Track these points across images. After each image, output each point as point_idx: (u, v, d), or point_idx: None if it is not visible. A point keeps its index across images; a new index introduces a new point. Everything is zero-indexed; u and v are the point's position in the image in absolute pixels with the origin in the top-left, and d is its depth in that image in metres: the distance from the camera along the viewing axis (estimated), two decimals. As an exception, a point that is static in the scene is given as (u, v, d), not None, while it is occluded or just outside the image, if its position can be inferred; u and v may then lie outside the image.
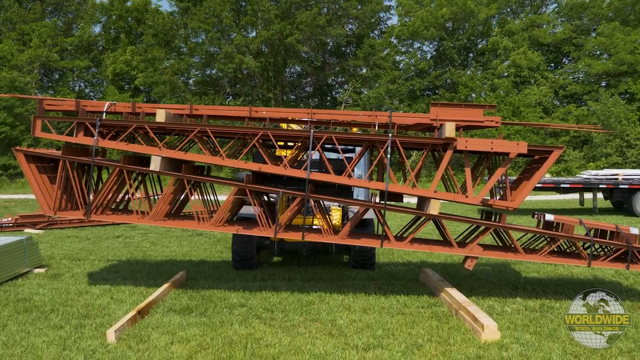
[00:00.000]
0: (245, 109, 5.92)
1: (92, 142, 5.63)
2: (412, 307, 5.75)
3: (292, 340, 4.66)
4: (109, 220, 5.98)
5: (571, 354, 4.10)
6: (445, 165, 5.22)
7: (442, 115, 5.26)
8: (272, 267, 7.61)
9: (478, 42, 37.36)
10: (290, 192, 5.42)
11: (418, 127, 5.64)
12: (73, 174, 5.75)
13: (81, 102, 6.01)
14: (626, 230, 5.36)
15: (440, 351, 4.38)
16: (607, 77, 34.15)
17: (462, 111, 5.29)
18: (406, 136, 5.25)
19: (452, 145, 5.16)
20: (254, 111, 5.89)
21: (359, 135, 5.33)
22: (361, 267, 7.54)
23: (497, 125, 5.30)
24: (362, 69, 37.48)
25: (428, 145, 5.34)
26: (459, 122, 5.14)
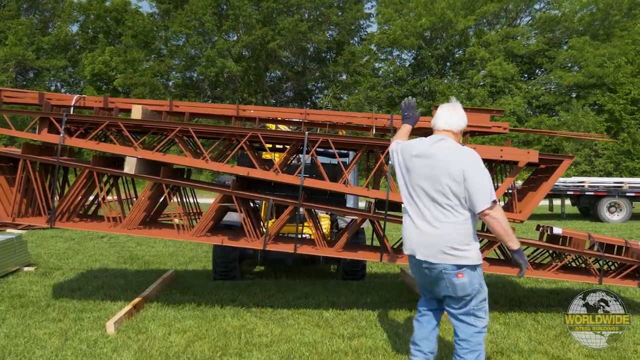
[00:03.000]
0: (232, 107, 5.64)
1: (57, 140, 5.05)
2: (394, 302, 6.09)
3: (282, 331, 4.94)
4: (76, 228, 5.40)
5: (535, 341, 4.59)
6: None
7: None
8: (256, 277, 7.72)
9: (455, 51, 38.11)
10: (282, 200, 5.24)
11: (418, 131, 5.59)
12: (35, 176, 5.17)
13: (45, 94, 5.42)
14: (635, 246, 5.29)
15: (419, 340, 4.70)
16: (577, 89, 35.21)
17: (468, 116, 5.06)
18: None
19: None
20: (241, 110, 5.63)
21: (358, 138, 5.16)
22: (352, 278, 7.34)
23: (505, 131, 5.21)
24: (342, 75, 37.89)
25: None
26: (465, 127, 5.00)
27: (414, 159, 3.49)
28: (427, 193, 3.37)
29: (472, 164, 3.32)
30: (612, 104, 33.23)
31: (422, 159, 3.45)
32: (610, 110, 33.35)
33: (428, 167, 3.39)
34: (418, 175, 3.43)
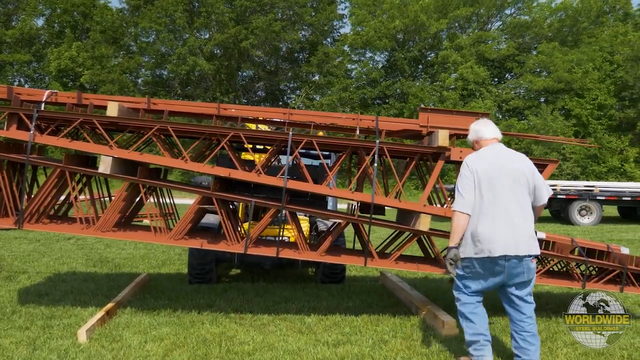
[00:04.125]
0: (213, 105, 5.45)
1: (27, 137, 4.79)
2: (376, 307, 5.97)
3: (264, 338, 4.77)
4: (46, 230, 5.13)
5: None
6: (436, 176, 5.00)
7: (433, 122, 5.12)
8: (232, 280, 7.50)
9: (428, 54, 38.41)
10: (265, 202, 5.08)
11: (402, 133, 5.53)
12: (2, 175, 4.92)
13: (14, 89, 5.17)
14: (617, 250, 5.29)
15: (405, 346, 4.61)
16: (546, 94, 35.85)
17: (454, 118, 5.12)
18: (395, 143, 5.08)
19: (444, 155, 4.91)
20: (222, 109, 5.44)
21: (343, 140, 5.01)
22: (331, 281, 7.18)
23: None
24: (314, 75, 37.79)
25: (417, 154, 5.06)
26: (451, 130, 4.93)
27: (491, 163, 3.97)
28: (511, 193, 3.91)
29: (531, 163, 4.16)
30: (579, 109, 33.94)
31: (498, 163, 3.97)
32: (577, 115, 34.07)
33: (507, 170, 3.94)
34: (497, 178, 3.92)
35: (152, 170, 5.60)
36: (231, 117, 5.62)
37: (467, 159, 4.06)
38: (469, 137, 4.35)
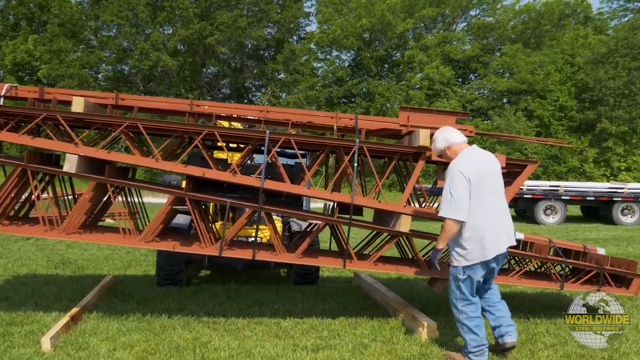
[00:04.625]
0: (186, 102, 5.22)
1: None
2: (352, 309, 5.85)
3: (240, 343, 4.60)
4: (6, 232, 4.82)
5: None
6: (416, 176, 4.93)
7: (413, 121, 5.03)
8: (202, 282, 7.26)
9: (394, 54, 38.60)
10: (241, 202, 4.91)
11: (381, 132, 5.42)
12: None
13: None
14: (593, 251, 5.31)
15: (386, 350, 4.51)
16: (509, 95, 36.47)
17: (434, 117, 5.06)
18: (375, 142, 4.99)
19: (425, 154, 4.85)
20: (195, 105, 5.19)
21: (322, 139, 4.87)
22: (304, 282, 7.03)
23: (471, 134, 5.11)
24: (280, 73, 37.51)
25: (397, 154, 5.00)
26: (432, 130, 4.75)
27: (478, 168, 4.10)
28: (498, 192, 4.20)
29: None
30: (541, 110, 34.66)
31: (483, 167, 4.14)
32: (539, 116, 34.78)
33: (492, 172, 4.18)
34: (485, 180, 4.08)
35: (120, 169, 5.35)
36: (204, 114, 5.40)
37: (459, 166, 4.08)
38: (437, 145, 4.37)
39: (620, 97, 32.91)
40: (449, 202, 3.99)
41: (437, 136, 4.37)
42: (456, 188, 4.00)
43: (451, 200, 3.99)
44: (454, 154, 4.29)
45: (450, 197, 4.00)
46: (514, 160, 5.16)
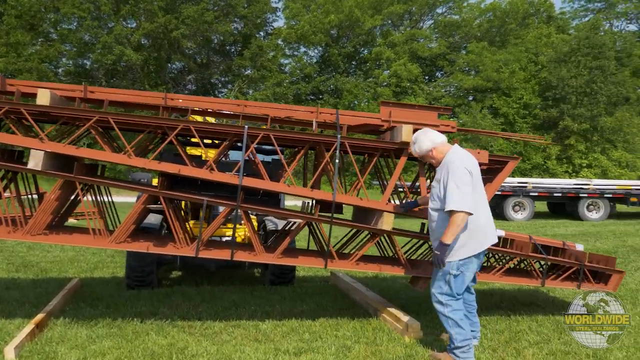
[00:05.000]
0: (159, 95, 4.94)
1: None
2: (332, 309, 5.71)
3: (219, 349, 4.39)
4: None
5: (489, 349, 4.45)
6: (398, 173, 4.84)
7: (395, 117, 4.91)
8: (174, 284, 6.99)
9: (362, 50, 38.61)
10: (219, 201, 4.70)
11: (362, 128, 5.30)
12: None
13: None
14: (572, 247, 5.30)
15: (370, 352, 4.38)
16: (475, 92, 36.93)
17: (416, 113, 4.96)
18: (357, 138, 4.85)
19: (407, 151, 4.74)
20: (169, 99, 4.93)
21: (302, 134, 4.71)
22: (280, 282, 6.83)
23: (453, 130, 5.04)
24: (247, 69, 37.09)
25: (379, 150, 4.88)
26: (414, 125, 4.73)
27: (473, 164, 4.22)
28: (482, 189, 4.33)
29: None
30: (506, 108, 35.24)
31: (475, 163, 4.27)
32: (505, 113, 35.34)
33: (477, 167, 4.26)
34: (477, 176, 4.22)
35: (88, 166, 5.06)
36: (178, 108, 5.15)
37: (461, 161, 4.14)
38: (422, 147, 4.29)
39: (582, 96, 33.69)
40: (458, 195, 3.97)
41: (421, 138, 4.30)
42: (462, 181, 4.02)
43: (460, 194, 3.98)
44: (440, 153, 4.27)
45: (459, 191, 3.99)
46: (495, 157, 5.10)
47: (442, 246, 4.06)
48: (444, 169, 4.16)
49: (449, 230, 4.02)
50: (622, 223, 15.77)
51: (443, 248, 4.06)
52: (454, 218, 4.01)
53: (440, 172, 4.20)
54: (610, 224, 15.21)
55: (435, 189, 4.25)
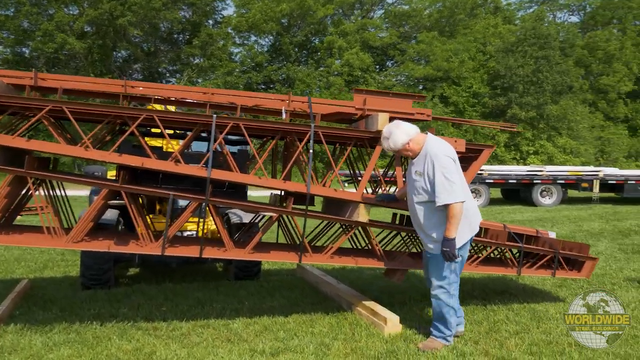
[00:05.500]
0: (118, 82, 4.58)
1: None
2: (303, 304, 5.51)
3: (189, 352, 4.12)
4: None
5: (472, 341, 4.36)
6: (374, 163, 4.67)
7: (370, 105, 4.74)
8: (132, 282, 6.60)
9: (313, 39, 38.35)
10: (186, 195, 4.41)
11: (334, 117, 5.09)
12: None
13: None
14: (545, 235, 5.29)
15: (350, 349, 4.21)
16: (425, 82, 37.34)
17: (392, 101, 4.81)
18: (330, 127, 4.69)
19: None
20: (129, 86, 4.56)
21: (274, 124, 4.44)
22: (246, 277, 6.56)
23: (429, 118, 4.92)
24: (196, 58, 36.21)
25: (353, 140, 4.71)
26: (390, 113, 4.59)
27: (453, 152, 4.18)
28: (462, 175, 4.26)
29: None
30: (456, 97, 35.84)
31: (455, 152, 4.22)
32: (455, 102, 35.93)
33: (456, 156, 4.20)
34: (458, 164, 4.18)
35: (39, 160, 4.66)
36: (138, 96, 4.82)
37: (441, 150, 4.05)
38: (397, 142, 4.11)
39: (529, 85, 34.61)
40: (449, 187, 3.92)
41: (394, 132, 4.12)
42: (449, 172, 3.95)
43: (451, 185, 3.93)
44: (417, 144, 4.15)
45: (449, 182, 3.92)
46: (471, 145, 5.01)
47: (448, 241, 3.99)
48: (427, 161, 4.03)
49: (451, 224, 3.97)
50: (575, 208, 16.23)
51: (450, 243, 3.99)
52: (452, 212, 3.95)
53: (422, 164, 4.07)
54: (563, 209, 15.62)
55: (418, 182, 4.11)
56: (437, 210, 4.04)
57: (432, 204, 4.04)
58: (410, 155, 4.19)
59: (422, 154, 4.09)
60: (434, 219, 4.08)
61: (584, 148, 35.65)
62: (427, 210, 4.10)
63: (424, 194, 4.06)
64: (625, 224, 11.98)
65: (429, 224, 4.11)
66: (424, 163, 4.04)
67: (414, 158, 4.17)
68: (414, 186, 4.15)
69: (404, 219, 5.52)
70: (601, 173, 17.41)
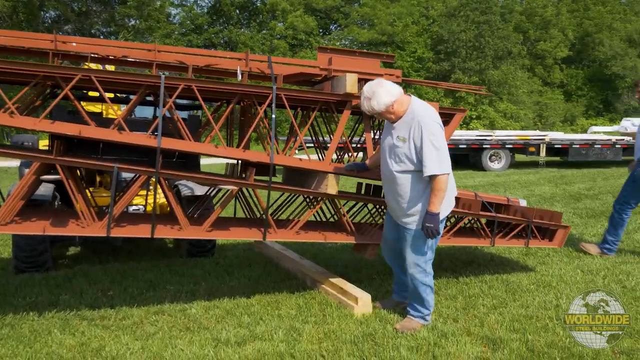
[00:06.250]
0: (47, 37, 3.95)
1: None
2: (266, 283, 5.12)
3: (144, 345, 3.66)
4: None
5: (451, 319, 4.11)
6: (342, 129, 4.25)
7: (337, 65, 4.29)
8: (73, 263, 5.98)
9: (255, 1, 37.13)
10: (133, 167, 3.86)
11: (296, 78, 4.63)
12: None
13: None
14: (516, 203, 5.08)
15: (323, 333, 3.87)
16: (369, 46, 36.96)
17: (360, 61, 4.38)
18: (295, 90, 4.20)
19: (351, 103, 4.18)
20: (60, 42, 3.95)
21: (232, 86, 3.91)
22: (200, 253, 6.07)
23: (398, 80, 4.49)
24: (132, 19, 34.33)
25: (318, 103, 4.24)
26: (359, 74, 4.17)
27: None
28: None
29: None
30: (401, 61, 35.65)
31: None
32: (400, 66, 35.74)
33: None
34: None
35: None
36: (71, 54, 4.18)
37: (429, 115, 3.69)
38: (380, 102, 3.64)
39: (471, 50, 34.84)
40: (437, 156, 3.58)
41: (378, 92, 3.65)
42: (439, 140, 3.61)
43: (439, 154, 3.59)
44: (401, 106, 3.73)
45: (437, 152, 3.58)
46: (442, 110, 4.66)
47: (432, 216, 3.65)
48: (413, 126, 3.64)
49: (436, 197, 3.63)
50: (523, 172, 16.42)
51: (434, 218, 3.65)
52: (438, 184, 3.61)
53: (407, 129, 3.68)
54: (512, 174, 15.78)
55: (401, 149, 3.71)
56: (420, 181, 3.69)
57: (415, 173, 3.68)
58: (393, 119, 3.78)
59: (406, 118, 3.71)
60: (415, 190, 3.73)
61: (523, 113, 36.47)
62: (408, 181, 3.73)
63: (406, 162, 3.69)
64: (574, 187, 12.17)
65: (410, 196, 3.75)
66: (409, 128, 3.65)
67: (395, 122, 3.77)
68: (394, 153, 3.75)
69: (370, 190, 5.18)
70: (547, 137, 17.68)
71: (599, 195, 10.85)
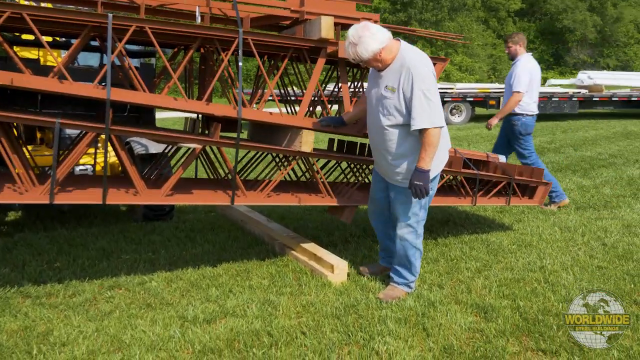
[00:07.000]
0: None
1: None
2: (233, 249, 4.71)
3: (99, 327, 3.21)
4: None
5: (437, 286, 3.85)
6: (317, 78, 3.81)
7: (310, 7, 3.82)
8: (14, 230, 5.35)
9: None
10: (79, 124, 3.32)
11: (264, 21, 4.12)
12: None
13: None
14: (496, 159, 4.78)
15: (301, 305, 3.52)
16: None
17: (332, 3, 3.94)
18: (264, 34, 3.69)
19: (326, 50, 3.75)
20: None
21: (192, 28, 3.36)
22: (158, 217, 5.58)
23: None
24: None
25: (290, 50, 3.77)
26: (335, 18, 3.72)
27: None
28: None
29: None
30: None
31: None
32: (356, 17, 34.99)
33: None
34: None
35: None
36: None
37: (422, 63, 3.30)
38: (368, 49, 3.21)
39: (427, 0, 34.34)
40: (429, 108, 3.21)
41: (365, 37, 3.20)
42: (431, 91, 3.23)
43: (431, 106, 3.21)
44: (389, 53, 3.31)
45: (428, 103, 3.20)
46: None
47: (421, 173, 3.28)
48: (404, 74, 3.23)
49: (426, 153, 3.27)
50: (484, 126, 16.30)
51: (424, 175, 3.28)
52: (429, 138, 3.23)
53: (396, 77, 3.27)
54: (473, 127, 15.63)
55: (390, 100, 3.31)
56: (411, 135, 3.31)
57: (406, 127, 3.30)
58: (379, 67, 3.36)
59: (394, 66, 3.29)
60: (405, 145, 3.36)
61: (478, 66, 36.56)
62: (397, 136, 3.35)
63: (396, 114, 3.30)
64: (536, 141, 12.09)
65: (400, 152, 3.38)
66: (399, 76, 3.24)
67: (382, 70, 3.36)
68: (382, 105, 3.35)
69: (343, 146, 4.80)
70: (508, 91, 17.59)
71: (561, 149, 10.84)
